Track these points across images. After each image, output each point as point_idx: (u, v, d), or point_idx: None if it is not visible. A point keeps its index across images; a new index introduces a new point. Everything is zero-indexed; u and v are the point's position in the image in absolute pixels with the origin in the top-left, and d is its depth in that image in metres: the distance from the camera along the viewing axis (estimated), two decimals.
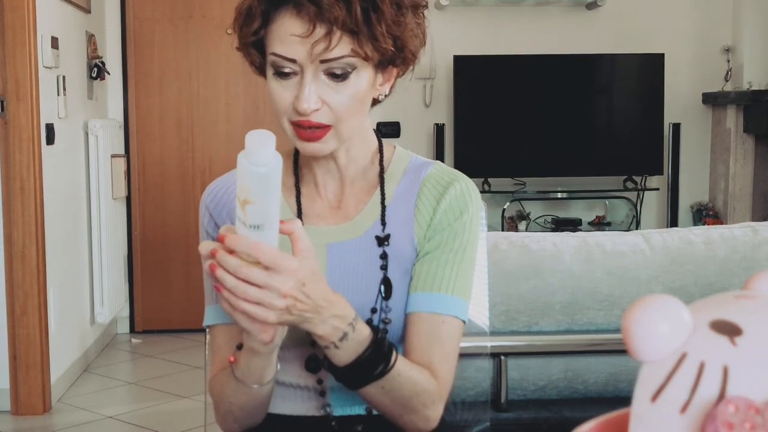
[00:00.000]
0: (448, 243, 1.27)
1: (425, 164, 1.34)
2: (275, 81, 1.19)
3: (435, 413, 1.24)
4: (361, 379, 1.17)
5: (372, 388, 1.17)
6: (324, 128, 1.18)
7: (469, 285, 1.29)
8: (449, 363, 1.26)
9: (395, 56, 1.20)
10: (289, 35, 1.15)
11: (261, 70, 1.25)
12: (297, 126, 1.19)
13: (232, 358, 1.19)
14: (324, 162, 1.29)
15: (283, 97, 1.18)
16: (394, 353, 1.18)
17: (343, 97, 1.17)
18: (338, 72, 1.16)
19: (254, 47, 1.22)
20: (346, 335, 1.12)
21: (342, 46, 1.14)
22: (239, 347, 1.19)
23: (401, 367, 1.18)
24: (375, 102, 1.27)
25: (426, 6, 1.26)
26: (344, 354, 1.14)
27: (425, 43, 1.26)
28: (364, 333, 1.15)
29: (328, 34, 1.13)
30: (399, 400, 1.19)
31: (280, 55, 1.16)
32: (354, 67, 1.17)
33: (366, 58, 1.16)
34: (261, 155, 0.99)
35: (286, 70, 1.17)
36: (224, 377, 1.23)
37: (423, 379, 1.21)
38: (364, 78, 1.19)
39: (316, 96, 1.16)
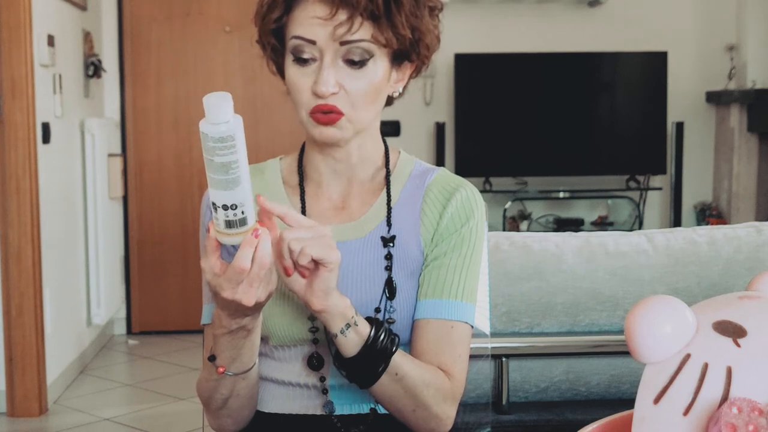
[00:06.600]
0: (456, 249, 1.30)
1: (430, 170, 1.37)
2: (294, 67, 1.23)
3: (446, 413, 1.25)
4: (376, 361, 1.17)
5: (385, 378, 1.19)
6: (339, 113, 1.22)
7: (475, 289, 1.32)
8: (460, 364, 1.28)
9: (412, 48, 1.25)
10: (311, 18, 1.20)
11: (278, 67, 1.30)
12: (314, 113, 1.22)
13: (221, 369, 1.20)
14: (333, 161, 1.31)
15: (302, 83, 1.22)
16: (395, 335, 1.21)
17: (360, 84, 1.22)
18: (356, 58, 1.21)
19: (274, 36, 1.26)
20: (353, 318, 1.17)
21: (363, 31, 1.20)
22: (211, 359, 1.20)
23: (403, 353, 1.21)
24: (389, 101, 1.31)
25: (441, 9, 1.31)
26: (360, 329, 1.17)
27: (439, 43, 1.31)
28: (362, 320, 1.19)
29: (350, 18, 1.18)
30: (411, 389, 1.20)
31: (300, 37, 1.21)
32: (372, 55, 1.22)
33: (385, 45, 1.21)
34: (222, 113, 0.99)
35: (306, 56, 1.21)
36: (212, 377, 1.23)
37: (426, 369, 1.23)
38: (380, 68, 1.23)
39: (334, 80, 1.20)
